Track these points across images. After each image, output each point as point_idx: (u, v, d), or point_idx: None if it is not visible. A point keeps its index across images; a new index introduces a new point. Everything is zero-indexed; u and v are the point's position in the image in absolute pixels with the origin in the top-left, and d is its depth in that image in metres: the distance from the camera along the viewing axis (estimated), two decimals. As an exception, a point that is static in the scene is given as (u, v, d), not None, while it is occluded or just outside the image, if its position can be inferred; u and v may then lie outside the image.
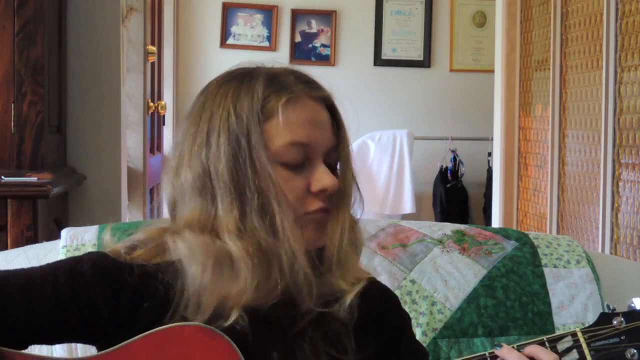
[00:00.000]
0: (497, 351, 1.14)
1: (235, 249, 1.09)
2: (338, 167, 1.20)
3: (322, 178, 1.13)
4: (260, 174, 1.10)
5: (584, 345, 1.13)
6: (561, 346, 1.13)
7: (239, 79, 1.16)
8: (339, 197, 1.17)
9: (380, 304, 1.25)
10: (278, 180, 1.10)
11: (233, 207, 1.10)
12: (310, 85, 1.18)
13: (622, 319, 1.14)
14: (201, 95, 1.18)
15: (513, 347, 1.13)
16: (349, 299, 1.15)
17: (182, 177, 1.14)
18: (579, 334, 1.14)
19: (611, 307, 1.16)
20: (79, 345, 1.40)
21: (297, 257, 1.09)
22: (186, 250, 1.11)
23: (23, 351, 1.11)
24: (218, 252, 1.09)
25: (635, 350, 1.12)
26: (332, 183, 1.14)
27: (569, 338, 1.14)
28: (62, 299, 1.10)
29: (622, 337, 1.13)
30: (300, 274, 1.09)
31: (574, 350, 1.13)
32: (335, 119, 1.21)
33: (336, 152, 1.18)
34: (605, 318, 1.15)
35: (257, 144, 1.11)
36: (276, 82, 1.15)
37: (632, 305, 1.15)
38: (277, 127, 1.12)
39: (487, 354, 1.15)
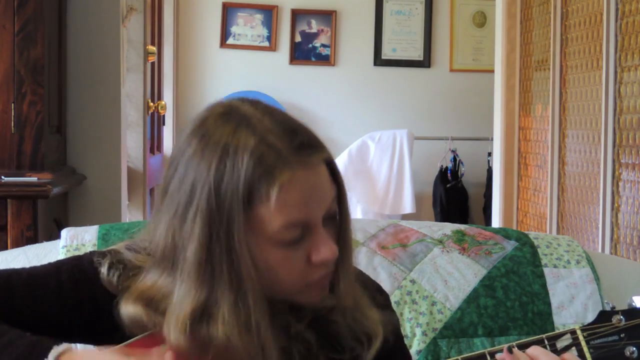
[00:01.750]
0: (499, 356, 1.13)
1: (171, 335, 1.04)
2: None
3: (323, 250, 1.08)
4: (239, 268, 1.04)
5: (583, 343, 1.13)
6: (560, 344, 1.13)
7: (223, 147, 1.05)
8: (341, 248, 1.12)
9: (373, 301, 1.24)
10: (260, 273, 1.05)
11: (194, 294, 1.04)
12: (305, 150, 1.06)
13: (621, 317, 1.14)
14: (184, 151, 1.08)
15: (514, 347, 1.13)
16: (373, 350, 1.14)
17: (157, 235, 1.10)
18: (578, 332, 1.14)
19: (610, 305, 1.16)
20: (79, 345, 1.40)
21: (266, 353, 1.05)
22: (126, 319, 1.09)
23: None
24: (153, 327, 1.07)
25: (634, 348, 1.12)
26: (332, 255, 1.09)
27: (568, 336, 1.14)
28: (65, 297, 1.11)
29: (621, 335, 1.13)
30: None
31: (573, 348, 1.13)
32: (331, 170, 1.11)
33: (335, 202, 1.12)
34: (604, 316, 1.15)
35: (237, 229, 1.03)
36: (266, 159, 1.04)
37: (632, 303, 1.15)
38: (270, 211, 1.04)
39: (486, 352, 1.15)
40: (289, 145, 1.05)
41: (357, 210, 5.24)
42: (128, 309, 1.08)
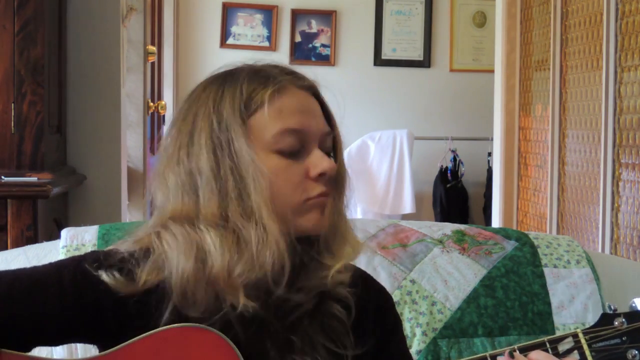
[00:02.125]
0: (500, 358, 1.13)
1: (212, 236, 1.10)
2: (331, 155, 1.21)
3: (320, 163, 1.14)
4: (239, 163, 1.12)
5: (585, 347, 1.12)
6: (562, 347, 1.13)
7: (222, 78, 1.18)
8: (337, 182, 1.19)
9: (376, 302, 1.25)
10: (258, 166, 1.11)
11: (212, 197, 1.12)
12: (296, 75, 1.19)
13: (623, 319, 1.13)
14: (187, 99, 1.20)
15: (515, 350, 1.13)
16: (335, 272, 1.16)
17: (168, 180, 1.16)
18: (580, 335, 1.13)
19: (612, 307, 1.15)
20: (79, 346, 1.40)
21: (269, 235, 1.09)
22: (169, 241, 1.11)
23: (23, 353, 1.11)
24: (197, 242, 1.10)
25: (636, 352, 1.12)
26: (330, 166, 1.15)
27: (570, 339, 1.13)
28: (67, 299, 1.11)
29: (623, 338, 1.13)
30: (270, 253, 1.09)
31: (575, 352, 1.13)
32: (323, 107, 1.21)
33: (329, 138, 1.20)
34: (606, 319, 1.14)
35: (237, 135, 1.12)
36: (260, 75, 1.16)
37: (634, 305, 1.15)
38: (266, 118, 1.13)
39: (487, 355, 1.14)
40: (282, 71, 1.18)
41: (357, 210, 5.24)
42: (170, 231, 1.12)
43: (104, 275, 1.11)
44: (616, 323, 1.13)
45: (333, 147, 1.21)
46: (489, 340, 1.60)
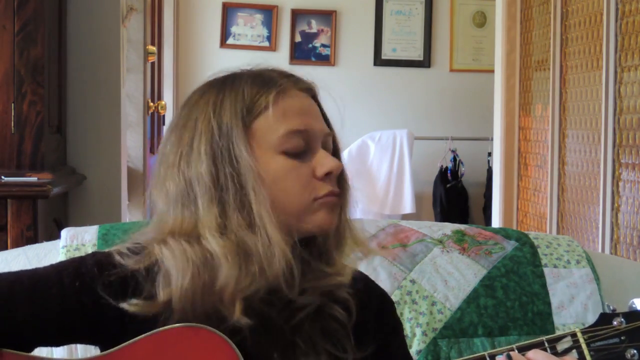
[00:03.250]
0: (499, 358, 1.13)
1: (215, 247, 1.09)
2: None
3: (326, 162, 1.15)
4: (239, 169, 1.11)
5: (584, 346, 1.13)
6: (561, 346, 1.13)
7: (221, 82, 1.18)
8: (342, 181, 1.19)
9: (377, 306, 1.25)
10: (259, 174, 1.11)
11: (212, 206, 1.11)
12: (295, 77, 1.20)
13: (622, 319, 1.13)
14: (185, 105, 1.19)
15: (513, 349, 1.13)
16: (337, 274, 1.16)
17: (168, 188, 1.15)
18: (579, 334, 1.14)
19: (611, 307, 1.16)
20: (79, 346, 1.40)
21: (274, 246, 1.09)
22: (169, 258, 1.11)
23: (24, 353, 1.11)
24: (198, 257, 1.10)
25: (635, 351, 1.12)
26: (336, 165, 1.15)
27: (569, 338, 1.13)
28: (67, 301, 1.11)
29: (622, 338, 1.13)
30: (279, 263, 1.09)
31: (574, 351, 1.13)
32: (321, 109, 1.22)
33: (330, 139, 1.20)
34: (605, 318, 1.15)
35: (238, 141, 1.12)
36: (261, 79, 1.17)
37: (633, 305, 1.15)
38: (271, 120, 1.14)
39: (486, 354, 1.14)
40: (281, 74, 1.19)
41: (357, 210, 5.23)
42: (170, 247, 1.11)
43: (125, 305, 1.11)
44: (615, 323, 1.14)
45: (335, 147, 1.21)
46: (489, 340, 1.60)
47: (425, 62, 5.76)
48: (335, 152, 1.21)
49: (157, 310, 1.10)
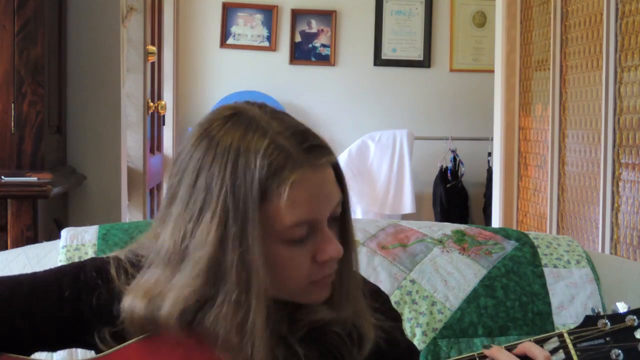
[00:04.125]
0: (486, 351, 1.15)
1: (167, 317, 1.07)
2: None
3: (329, 248, 1.10)
4: (249, 266, 1.05)
5: (570, 346, 1.15)
6: (548, 347, 1.16)
7: (235, 149, 1.07)
8: (344, 243, 1.14)
9: (372, 305, 1.24)
10: (268, 271, 1.06)
11: (197, 284, 1.06)
12: (313, 151, 1.09)
13: (606, 321, 1.16)
14: (192, 154, 1.10)
15: (502, 347, 1.14)
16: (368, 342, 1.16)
17: (162, 239, 1.11)
18: (565, 335, 1.16)
19: (595, 310, 1.19)
20: (80, 351, 1.40)
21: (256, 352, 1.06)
22: (127, 313, 1.09)
23: (23, 357, 1.11)
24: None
25: (619, 351, 1.15)
26: (337, 253, 1.10)
27: (556, 339, 1.16)
28: (66, 307, 1.11)
29: (607, 339, 1.16)
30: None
31: (561, 351, 1.15)
32: (337, 174, 1.14)
33: (339, 206, 1.13)
34: (590, 320, 1.17)
35: (253, 235, 1.05)
36: (277, 158, 1.06)
37: (617, 309, 1.18)
38: (280, 209, 1.07)
39: (475, 355, 1.16)
40: (298, 147, 1.08)
41: (357, 210, 5.24)
42: (134, 304, 1.08)
43: (114, 281, 1.12)
44: (600, 324, 1.16)
45: (342, 209, 1.15)
46: (489, 341, 1.60)
47: (425, 62, 5.76)
48: (345, 213, 1.15)
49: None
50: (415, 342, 1.59)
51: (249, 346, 1.05)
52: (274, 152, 1.07)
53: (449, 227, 1.76)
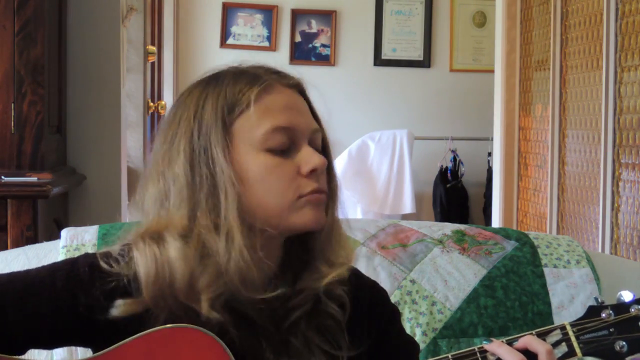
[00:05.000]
0: (487, 346, 1.14)
1: (171, 250, 1.10)
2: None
3: (311, 159, 1.13)
4: (214, 171, 1.11)
5: (573, 339, 1.14)
6: (550, 339, 1.14)
7: (206, 82, 1.17)
8: (330, 179, 1.18)
9: (370, 299, 1.25)
10: (231, 178, 1.10)
11: (183, 206, 1.11)
12: (281, 74, 1.18)
13: (610, 311, 1.14)
14: (173, 105, 1.20)
15: (503, 342, 1.13)
16: (328, 279, 1.16)
17: (149, 187, 1.16)
18: (568, 327, 1.14)
19: (599, 300, 1.16)
20: (80, 349, 1.40)
21: (234, 249, 1.09)
22: (137, 260, 1.11)
23: (20, 357, 1.11)
24: (160, 257, 1.10)
25: (624, 342, 1.13)
26: (321, 162, 1.14)
27: (558, 331, 1.14)
28: (59, 303, 1.11)
29: (610, 330, 1.14)
30: (235, 265, 1.09)
31: (563, 344, 1.14)
32: (310, 106, 1.21)
33: (318, 136, 1.18)
34: (593, 311, 1.15)
35: (216, 143, 1.11)
36: (245, 76, 1.16)
37: (621, 298, 1.15)
38: (253, 118, 1.12)
39: (476, 349, 1.15)
40: (267, 71, 1.18)
41: (357, 210, 5.24)
42: (140, 249, 1.11)
43: (112, 310, 1.12)
44: (603, 315, 1.14)
45: (322, 147, 1.19)
46: (489, 341, 1.60)
47: (425, 62, 5.76)
48: (325, 149, 1.19)
49: (140, 309, 1.10)
50: (415, 342, 1.59)
51: (226, 240, 1.09)
52: (243, 73, 1.16)
53: (449, 227, 1.76)
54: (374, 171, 5.36)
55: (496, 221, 4.35)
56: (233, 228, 1.09)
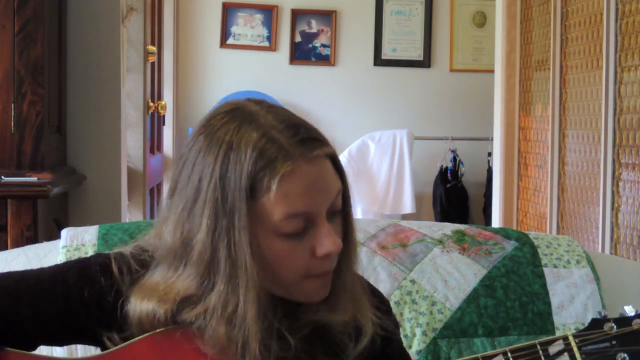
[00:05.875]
0: None
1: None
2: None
3: (327, 242, 1.09)
4: (235, 258, 1.06)
5: (575, 349, 1.15)
6: (553, 349, 1.14)
7: (228, 142, 1.08)
8: (345, 241, 1.14)
9: (375, 307, 1.24)
10: (263, 265, 1.07)
11: (194, 281, 1.09)
12: (308, 144, 1.09)
13: (613, 324, 1.16)
14: (191, 147, 1.12)
15: (507, 353, 1.14)
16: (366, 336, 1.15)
17: (164, 239, 1.13)
18: (570, 338, 1.15)
19: (602, 313, 1.18)
20: (79, 347, 1.40)
21: (251, 339, 1.06)
22: (135, 315, 1.11)
23: (26, 352, 1.12)
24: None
25: (626, 355, 1.14)
26: (336, 248, 1.09)
27: (561, 342, 1.15)
28: (72, 301, 1.12)
29: (612, 342, 1.15)
30: (254, 350, 1.07)
31: (566, 354, 1.14)
32: (335, 166, 1.14)
33: (339, 197, 1.13)
34: (596, 323, 1.16)
35: (239, 224, 1.06)
36: (268, 152, 1.07)
37: (624, 312, 1.17)
38: (271, 202, 1.06)
39: (479, 357, 1.15)
40: (291, 139, 1.08)
41: (357, 210, 5.24)
42: (141, 307, 1.10)
43: (114, 278, 1.13)
44: (606, 327, 1.16)
45: (343, 203, 1.14)
46: (489, 341, 1.60)
47: (425, 62, 5.76)
48: (345, 207, 1.15)
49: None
50: (415, 342, 1.59)
51: (239, 337, 1.06)
52: (265, 144, 1.07)
53: (449, 227, 1.76)
54: (374, 171, 5.36)
55: (496, 221, 4.35)
56: (249, 321, 1.06)
